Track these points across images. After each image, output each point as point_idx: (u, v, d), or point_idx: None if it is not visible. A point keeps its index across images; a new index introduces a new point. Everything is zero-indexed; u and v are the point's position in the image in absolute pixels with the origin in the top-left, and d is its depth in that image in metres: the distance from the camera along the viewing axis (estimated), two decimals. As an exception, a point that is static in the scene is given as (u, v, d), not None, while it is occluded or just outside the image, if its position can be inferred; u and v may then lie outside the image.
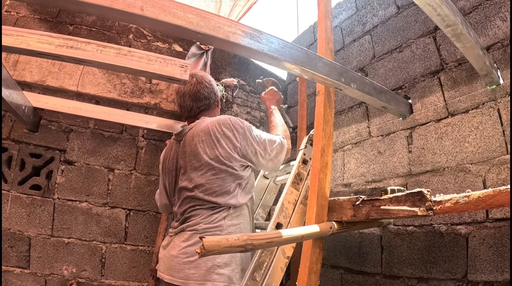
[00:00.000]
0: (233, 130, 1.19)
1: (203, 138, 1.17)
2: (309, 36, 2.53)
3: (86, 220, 1.89)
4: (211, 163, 1.14)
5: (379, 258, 1.61)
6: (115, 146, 2.01)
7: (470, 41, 1.21)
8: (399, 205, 1.11)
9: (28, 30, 1.33)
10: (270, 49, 1.11)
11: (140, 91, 2.08)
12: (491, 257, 1.27)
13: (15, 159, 1.91)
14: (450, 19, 1.11)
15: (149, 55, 1.33)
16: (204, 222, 1.07)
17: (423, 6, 1.05)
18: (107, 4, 0.93)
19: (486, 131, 1.38)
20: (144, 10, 0.97)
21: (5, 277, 1.78)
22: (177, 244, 1.07)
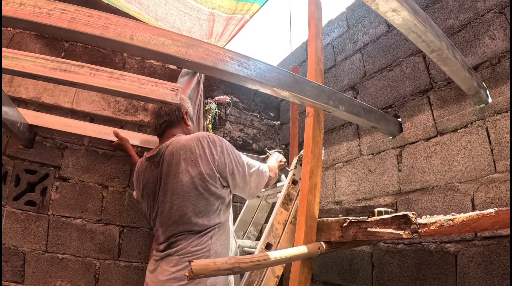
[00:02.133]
0: (212, 147, 1.13)
1: (184, 155, 1.11)
2: (301, 53, 2.57)
3: (80, 236, 1.90)
4: (194, 182, 1.08)
5: (370, 275, 1.62)
6: (109, 163, 2.03)
7: (456, 65, 1.23)
8: (385, 227, 1.13)
9: (23, 52, 1.35)
10: (258, 75, 1.13)
11: (134, 109, 2.10)
12: (480, 274, 1.28)
13: (10, 174, 1.92)
14: (435, 45, 1.13)
15: (141, 78, 1.35)
16: (191, 245, 1.05)
17: (408, 34, 1.07)
18: (98, 33, 0.96)
19: (474, 150, 1.40)
20: (134, 39, 1.00)
21: None
22: (166, 269, 1.04)
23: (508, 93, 1.33)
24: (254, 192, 1.26)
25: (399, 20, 0.96)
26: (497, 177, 1.30)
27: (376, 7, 0.91)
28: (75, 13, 0.95)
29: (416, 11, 0.97)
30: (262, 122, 2.64)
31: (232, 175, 1.16)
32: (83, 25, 0.95)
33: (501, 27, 1.38)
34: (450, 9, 1.58)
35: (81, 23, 0.94)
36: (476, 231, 1.04)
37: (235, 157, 1.20)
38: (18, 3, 0.92)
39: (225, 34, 2.06)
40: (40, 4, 0.93)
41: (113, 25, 0.98)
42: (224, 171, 1.14)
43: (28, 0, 0.93)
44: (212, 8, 1.88)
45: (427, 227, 1.05)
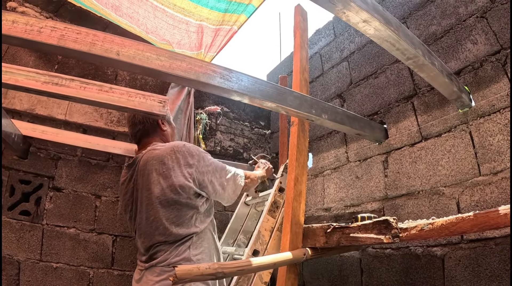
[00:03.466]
0: (188, 157, 1.10)
1: (156, 166, 1.08)
2: (291, 62, 2.59)
3: (74, 245, 1.91)
4: (164, 194, 1.05)
5: (359, 281, 1.61)
6: (102, 174, 2.05)
7: (434, 71, 1.25)
8: (366, 232, 1.13)
9: (16, 66, 1.38)
10: (240, 87, 1.16)
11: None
12: (467, 277, 1.27)
13: (5, 185, 1.94)
14: (410, 53, 1.15)
15: (129, 91, 1.38)
16: (171, 256, 1.05)
17: (381, 43, 1.09)
18: (86, 49, 0.99)
19: (458, 154, 1.40)
20: (120, 55, 1.02)
21: None
22: (150, 279, 1.03)
23: (490, 97, 1.35)
24: (231, 198, 1.23)
25: (371, 30, 0.98)
26: (482, 180, 1.31)
27: (347, 19, 0.93)
28: (64, 31, 0.98)
29: (388, 21, 0.99)
30: (252, 131, 2.66)
31: (211, 183, 1.14)
32: (72, 41, 0.97)
33: (482, 32, 1.40)
34: (433, 15, 1.61)
35: (70, 39, 0.97)
36: (456, 234, 1.04)
37: (212, 164, 1.17)
38: (11, 21, 0.95)
39: (214, 45, 2.09)
40: (32, 22, 0.96)
41: (100, 41, 1.00)
42: (204, 180, 1.11)
43: (20, 18, 0.96)
44: (200, 20, 1.91)
45: (408, 232, 1.06)
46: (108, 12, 2.01)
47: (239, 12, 1.90)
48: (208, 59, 2.19)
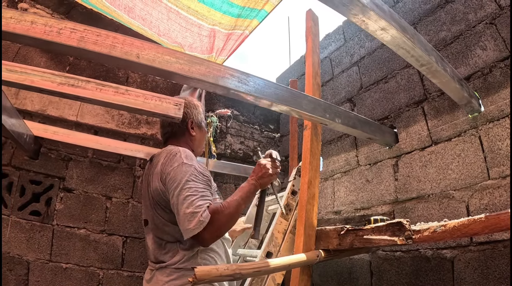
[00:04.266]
0: (170, 162, 1.06)
1: (158, 168, 1.08)
2: (300, 66, 2.68)
3: (84, 246, 1.96)
4: (153, 196, 1.08)
5: (369, 283, 1.66)
6: (113, 175, 2.10)
7: (446, 77, 1.31)
8: (380, 234, 1.18)
9: (31, 67, 1.44)
10: (257, 91, 1.21)
11: (137, 122, 2.19)
12: (476, 279, 1.32)
13: (15, 185, 1.99)
14: (424, 59, 1.21)
15: (145, 93, 1.44)
16: (180, 261, 1.05)
17: (397, 50, 1.15)
18: (106, 52, 1.04)
19: (468, 158, 1.46)
20: (140, 58, 1.07)
21: None
22: (160, 279, 1.05)
23: (499, 102, 1.41)
24: (185, 228, 0.97)
25: (388, 37, 1.04)
26: (491, 183, 1.36)
27: (365, 27, 0.99)
28: (84, 32, 1.01)
29: (404, 28, 1.05)
30: (262, 134, 2.72)
31: (172, 194, 1.02)
32: (92, 43, 1.01)
33: (492, 38, 1.46)
34: (443, 21, 1.67)
35: (90, 42, 1.01)
36: (467, 236, 1.10)
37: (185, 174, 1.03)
38: (30, 21, 0.98)
39: (225, 49, 2.16)
40: (51, 23, 0.99)
41: (120, 44, 1.05)
42: (169, 187, 1.03)
43: (39, 19, 0.99)
44: (213, 24, 1.98)
45: (420, 233, 1.11)
46: (120, 14, 2.07)
47: (252, 17, 1.97)
48: (219, 63, 2.26)
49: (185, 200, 0.98)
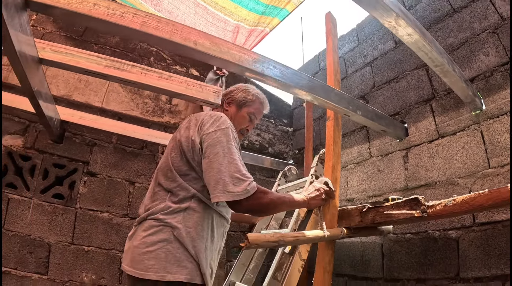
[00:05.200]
0: (216, 122, 1.14)
1: (199, 121, 1.18)
2: (314, 65, 2.96)
3: (106, 229, 2.13)
4: (180, 143, 1.16)
5: (380, 264, 1.92)
6: (136, 161, 2.30)
7: (455, 77, 1.60)
8: (399, 209, 1.44)
9: (77, 49, 1.64)
10: (297, 84, 1.45)
11: (161, 110, 2.40)
12: (479, 256, 1.59)
13: (38, 168, 2.15)
14: (438, 61, 1.49)
15: (187, 80, 1.67)
16: (162, 212, 1.09)
17: (417, 51, 1.43)
18: (167, 37, 1.23)
19: (471, 149, 1.75)
20: (197, 45, 1.28)
21: (23, 283, 1.97)
22: (139, 234, 1.08)
23: (499, 101, 1.70)
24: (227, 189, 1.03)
25: (412, 41, 1.32)
26: (491, 172, 1.64)
27: (396, 32, 1.26)
28: (145, 18, 1.19)
29: (424, 34, 1.33)
30: (276, 128, 2.98)
31: (214, 151, 1.08)
32: (153, 29, 1.20)
33: (494, 45, 1.76)
34: (450, 29, 1.97)
35: (151, 27, 1.19)
36: (474, 208, 1.34)
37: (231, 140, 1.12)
38: (92, 3, 1.13)
39: (245, 44, 2.40)
40: (113, 7, 1.15)
41: (178, 31, 1.25)
42: (212, 143, 1.10)
43: (102, 2, 1.14)
44: (238, 20, 2.22)
45: (434, 208, 1.36)
46: (146, 7, 2.28)
47: (274, 15, 2.22)
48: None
49: (231, 164, 1.05)
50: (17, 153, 2.13)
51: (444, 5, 2.03)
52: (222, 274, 2.28)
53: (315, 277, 1.52)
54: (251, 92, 1.49)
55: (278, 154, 2.95)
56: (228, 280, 1.81)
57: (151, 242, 1.04)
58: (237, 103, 1.46)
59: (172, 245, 1.03)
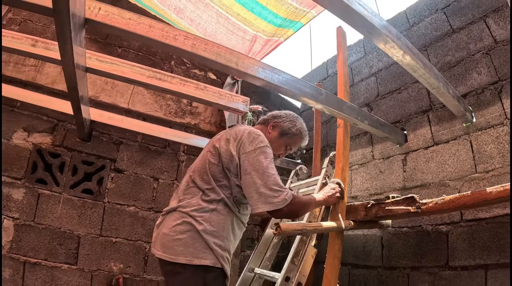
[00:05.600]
0: (255, 141, 1.36)
1: (238, 137, 1.40)
2: (322, 71, 3.33)
3: (132, 222, 2.47)
4: (220, 152, 1.38)
5: (380, 254, 2.32)
6: (160, 159, 2.63)
7: (449, 97, 1.97)
8: (398, 206, 1.83)
9: (120, 59, 1.95)
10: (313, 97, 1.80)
11: (182, 112, 2.73)
12: (465, 248, 1.98)
13: (67, 165, 2.46)
14: (435, 85, 1.86)
15: (220, 91, 2.00)
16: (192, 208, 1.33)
17: (418, 77, 1.80)
18: (213, 58, 1.54)
19: (461, 156, 2.14)
20: (238, 65, 1.59)
21: (52, 273, 2.28)
22: (168, 223, 1.32)
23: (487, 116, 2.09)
24: (268, 201, 1.29)
25: (417, 74, 1.69)
26: (477, 176, 2.03)
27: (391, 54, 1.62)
28: (194, 40, 1.51)
29: (426, 65, 1.70)
30: None
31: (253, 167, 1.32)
32: (202, 50, 1.52)
33: (486, 65, 2.13)
34: (449, 47, 2.35)
35: (200, 49, 1.52)
36: (460, 206, 1.71)
37: (268, 156, 1.36)
38: (148, 25, 1.45)
39: (261, 52, 2.74)
40: (167, 29, 1.48)
41: (223, 52, 1.57)
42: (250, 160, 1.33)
43: (156, 24, 1.46)
44: (257, 31, 2.56)
45: (427, 205, 1.75)
46: (168, 13, 2.59)
47: (289, 27, 2.57)
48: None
49: (270, 178, 1.30)
50: (46, 150, 2.43)
51: (444, 25, 2.40)
52: (237, 263, 2.65)
53: (327, 262, 1.90)
54: (297, 125, 1.66)
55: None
56: (248, 266, 2.18)
57: (180, 231, 1.28)
58: (281, 131, 1.64)
59: (197, 237, 1.27)
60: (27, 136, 2.41)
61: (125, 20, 1.46)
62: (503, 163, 1.93)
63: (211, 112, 2.83)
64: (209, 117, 2.83)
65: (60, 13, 1.24)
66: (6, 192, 2.29)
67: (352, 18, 1.39)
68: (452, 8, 2.38)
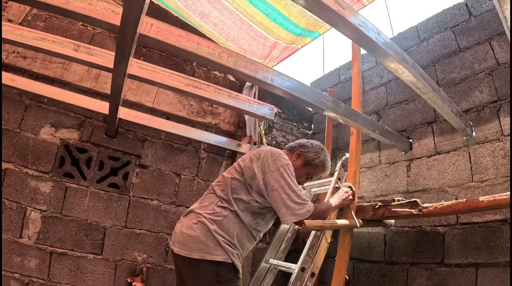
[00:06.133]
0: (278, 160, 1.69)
1: (261, 157, 1.73)
2: (334, 77, 3.72)
3: (155, 215, 2.84)
4: (243, 170, 1.71)
5: (382, 250, 2.76)
6: (182, 156, 2.99)
7: (452, 114, 2.38)
8: (402, 208, 2.24)
9: (159, 67, 2.27)
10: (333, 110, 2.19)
11: (204, 112, 3.09)
12: (459, 248, 2.40)
13: (94, 160, 2.80)
14: (440, 105, 2.25)
15: (249, 99, 2.37)
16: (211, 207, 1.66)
17: (427, 99, 2.19)
18: (252, 75, 1.93)
19: (460, 166, 2.57)
20: (273, 82, 1.98)
21: (78, 262, 2.62)
22: (186, 222, 1.63)
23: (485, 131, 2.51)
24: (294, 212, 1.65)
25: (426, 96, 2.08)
26: (473, 185, 2.46)
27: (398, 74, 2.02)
28: (236, 58, 1.85)
29: (434, 89, 2.10)
30: (299, 130, 3.78)
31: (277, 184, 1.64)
32: (242, 67, 1.86)
33: (488, 85, 2.52)
34: (455, 65, 2.75)
35: (241, 66, 1.86)
36: (455, 211, 2.13)
37: (290, 173, 1.69)
38: (196, 43, 1.76)
39: (278, 57, 3.11)
40: (212, 47, 1.81)
41: (260, 70, 1.92)
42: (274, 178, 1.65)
43: (204, 41, 1.79)
44: (277, 38, 2.91)
45: (427, 208, 2.16)
46: (192, 17, 2.92)
47: (307, 36, 2.94)
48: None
49: (294, 194, 1.64)
50: (74, 145, 2.77)
51: (452, 43, 2.80)
52: (250, 255, 3.05)
53: (338, 255, 2.31)
54: (320, 158, 1.94)
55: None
56: (265, 257, 2.59)
57: (194, 229, 1.57)
58: (305, 161, 1.93)
59: (210, 235, 1.55)
60: (55, 131, 2.72)
61: (175, 37, 1.75)
62: (497, 175, 2.34)
63: (230, 113, 3.21)
64: (228, 117, 3.21)
65: (126, 32, 1.57)
66: (34, 185, 2.59)
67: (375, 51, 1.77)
68: (460, 27, 2.77)
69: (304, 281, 2.27)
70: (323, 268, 2.43)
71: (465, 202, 1.99)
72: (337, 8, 1.44)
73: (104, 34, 2.95)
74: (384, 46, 1.70)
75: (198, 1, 2.75)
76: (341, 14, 1.45)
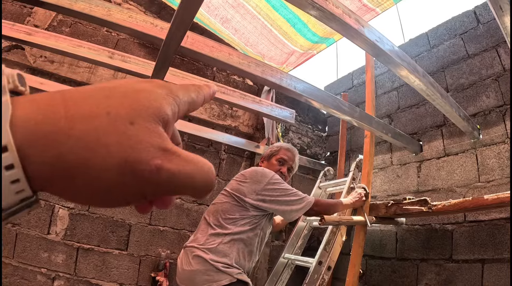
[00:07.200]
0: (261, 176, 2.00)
1: (247, 178, 2.03)
2: (348, 81, 4.04)
3: (178, 213, 3.15)
4: (233, 191, 1.98)
5: (394, 247, 3.07)
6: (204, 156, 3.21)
7: (459, 119, 2.68)
8: (413, 206, 2.55)
9: (189, 74, 2.59)
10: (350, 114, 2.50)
11: (224, 115, 3.40)
12: (466, 244, 2.69)
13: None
14: (449, 110, 2.56)
15: (271, 104, 2.69)
16: (205, 237, 1.87)
17: (436, 105, 2.49)
18: (278, 83, 2.26)
19: (467, 167, 2.87)
20: (296, 89, 2.30)
21: (104, 258, 2.88)
22: (186, 259, 1.86)
23: (492, 134, 2.82)
24: (295, 208, 1.99)
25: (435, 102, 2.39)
26: (480, 185, 2.76)
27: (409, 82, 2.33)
28: (264, 67, 2.16)
29: (443, 95, 2.40)
30: (314, 133, 4.09)
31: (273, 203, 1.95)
32: (269, 76, 2.18)
33: (494, 90, 2.82)
34: (464, 71, 3.05)
35: (268, 74, 2.19)
36: (462, 210, 2.43)
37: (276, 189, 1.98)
38: (227, 53, 2.06)
39: (295, 63, 3.42)
40: (242, 56, 2.12)
41: (285, 78, 2.24)
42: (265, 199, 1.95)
43: (234, 52, 2.10)
44: (295, 46, 3.22)
45: (437, 206, 2.47)
46: (212, 22, 3.23)
47: (323, 42, 3.25)
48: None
49: (290, 195, 1.98)
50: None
51: (461, 50, 3.10)
52: (268, 251, 3.36)
53: (352, 250, 2.62)
54: (275, 145, 2.33)
55: (313, 155, 4.06)
56: (283, 254, 2.91)
57: (193, 263, 1.76)
58: (269, 154, 2.31)
59: (208, 265, 1.73)
60: (83, 135, 3.02)
61: (208, 47, 2.05)
62: (502, 175, 2.63)
63: (249, 115, 3.51)
64: (247, 120, 3.52)
65: (170, 45, 1.89)
66: (62, 185, 2.89)
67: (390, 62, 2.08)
68: (469, 34, 3.08)
69: (321, 274, 2.57)
70: (336, 265, 2.69)
71: (471, 200, 2.27)
72: (357, 27, 1.75)
73: (128, 40, 3.26)
74: (398, 59, 2.00)
75: (221, 7, 3.05)
76: (361, 32, 1.76)
